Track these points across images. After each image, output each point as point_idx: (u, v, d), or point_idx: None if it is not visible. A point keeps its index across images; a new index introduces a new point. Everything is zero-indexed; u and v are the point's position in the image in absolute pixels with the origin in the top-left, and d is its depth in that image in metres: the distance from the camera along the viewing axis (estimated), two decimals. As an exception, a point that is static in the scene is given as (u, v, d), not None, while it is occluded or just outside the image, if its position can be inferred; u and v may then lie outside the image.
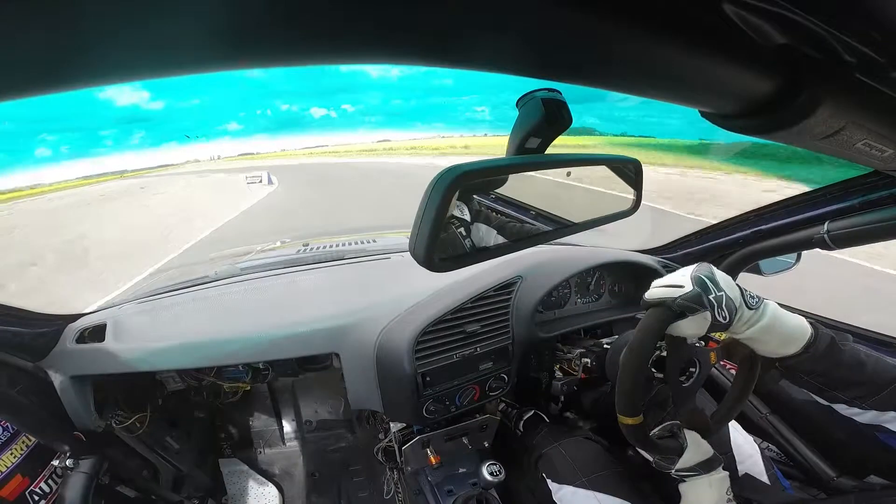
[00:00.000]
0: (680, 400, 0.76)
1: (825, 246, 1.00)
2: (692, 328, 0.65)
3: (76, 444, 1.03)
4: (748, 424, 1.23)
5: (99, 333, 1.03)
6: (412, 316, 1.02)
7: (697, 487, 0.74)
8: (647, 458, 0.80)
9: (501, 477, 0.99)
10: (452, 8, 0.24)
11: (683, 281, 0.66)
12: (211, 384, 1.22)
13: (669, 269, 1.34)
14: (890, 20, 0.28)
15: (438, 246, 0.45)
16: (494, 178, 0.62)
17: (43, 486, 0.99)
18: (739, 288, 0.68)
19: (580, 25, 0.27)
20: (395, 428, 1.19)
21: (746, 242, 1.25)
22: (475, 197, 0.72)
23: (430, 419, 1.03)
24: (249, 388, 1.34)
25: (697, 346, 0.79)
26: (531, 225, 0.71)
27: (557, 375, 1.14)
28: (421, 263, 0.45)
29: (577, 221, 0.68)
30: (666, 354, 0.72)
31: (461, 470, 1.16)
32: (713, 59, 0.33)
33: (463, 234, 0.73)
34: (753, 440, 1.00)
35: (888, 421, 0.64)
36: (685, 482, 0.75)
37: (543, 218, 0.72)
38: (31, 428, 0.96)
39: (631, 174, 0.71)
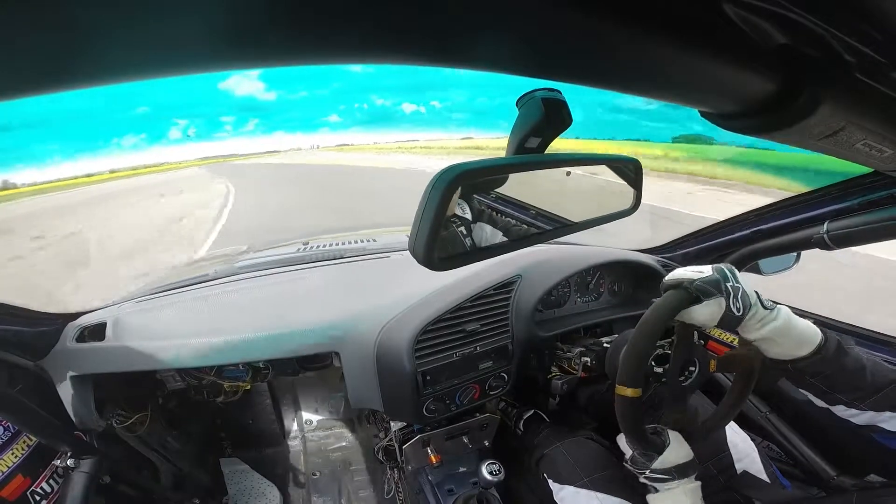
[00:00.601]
0: (674, 397, 0.76)
1: (825, 246, 1.00)
2: (705, 314, 0.66)
3: (77, 443, 1.03)
4: (748, 423, 1.23)
5: (99, 332, 1.03)
6: (412, 315, 1.02)
7: (667, 500, 0.73)
8: (625, 451, 0.78)
9: (501, 476, 0.99)
10: (452, 8, 0.24)
11: (704, 269, 0.69)
12: (211, 383, 1.22)
13: (669, 268, 1.34)
14: (890, 20, 0.28)
15: (438, 245, 0.45)
16: (494, 177, 0.62)
17: (44, 485, 0.99)
18: (756, 292, 0.70)
19: (580, 25, 0.27)
20: (395, 427, 1.19)
21: (746, 242, 1.25)
22: (476, 196, 0.72)
23: (430, 418, 1.03)
24: (250, 387, 1.33)
25: (699, 344, 0.80)
26: (531, 224, 0.71)
27: (557, 374, 1.14)
28: (421, 262, 0.45)
29: (576, 221, 0.68)
30: (673, 341, 0.73)
31: (461, 469, 1.16)
32: (713, 59, 0.33)
33: (464, 232, 0.73)
34: (751, 439, 1.00)
35: (884, 420, 0.65)
36: (655, 493, 0.74)
37: (543, 217, 0.72)
38: (31, 427, 0.95)
39: (631, 174, 0.71)
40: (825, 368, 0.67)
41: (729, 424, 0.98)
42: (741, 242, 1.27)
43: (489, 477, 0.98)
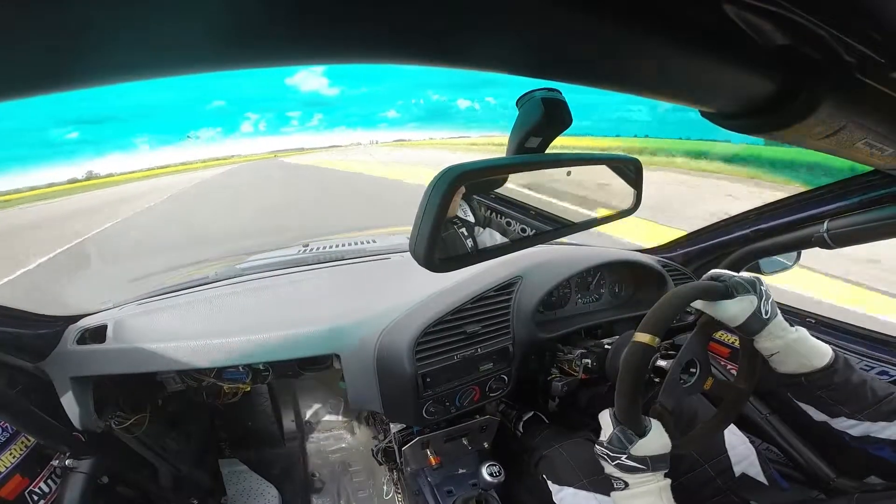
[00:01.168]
0: (671, 394, 0.76)
1: (825, 245, 1.00)
2: (734, 309, 0.71)
3: (75, 444, 1.03)
4: (748, 425, 1.23)
5: (100, 334, 1.03)
6: (412, 317, 1.02)
7: (639, 500, 0.71)
8: (605, 428, 0.76)
9: (501, 478, 0.99)
10: (452, 8, 0.24)
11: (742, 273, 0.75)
12: (211, 385, 1.22)
13: (669, 268, 1.34)
14: (890, 20, 0.28)
15: (439, 246, 0.44)
16: (494, 177, 0.62)
17: (42, 486, 0.99)
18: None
19: (580, 25, 0.27)
20: (394, 428, 1.19)
21: (746, 241, 1.25)
22: (476, 197, 0.72)
23: (429, 420, 1.03)
24: (249, 388, 1.33)
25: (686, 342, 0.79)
26: (531, 225, 0.71)
27: (557, 376, 1.14)
28: (421, 264, 0.45)
29: (577, 221, 0.68)
30: (674, 342, 0.76)
31: (461, 471, 1.16)
32: (713, 59, 0.33)
33: (465, 234, 0.73)
34: (751, 441, 1.00)
35: (878, 431, 0.68)
36: (623, 489, 0.72)
37: (543, 218, 0.72)
38: (30, 428, 0.95)
39: (631, 173, 0.71)
40: (835, 381, 0.69)
41: (729, 427, 0.98)
42: (741, 242, 1.27)
43: (489, 478, 0.98)
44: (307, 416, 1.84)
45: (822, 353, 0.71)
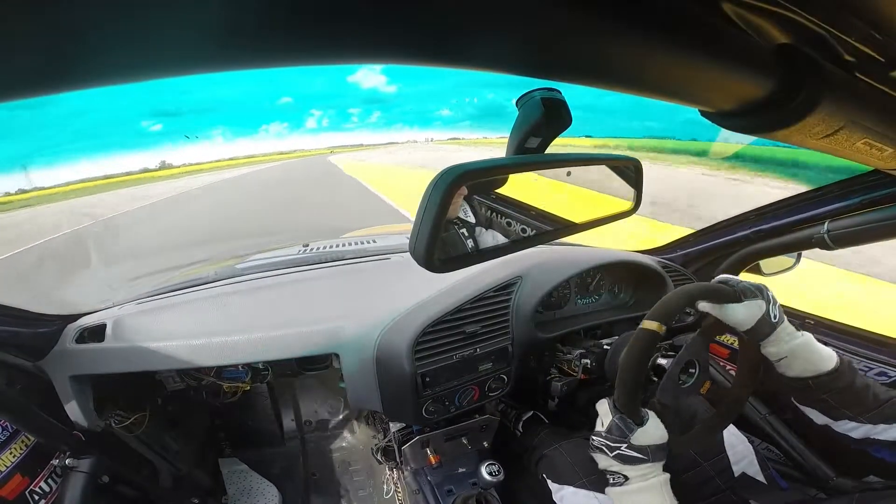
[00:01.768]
0: (669, 391, 0.76)
1: (825, 245, 1.00)
2: (743, 313, 0.72)
3: (76, 443, 1.03)
4: (748, 425, 1.23)
5: (99, 333, 1.03)
6: (412, 316, 1.02)
7: (641, 494, 0.70)
8: (604, 417, 0.76)
9: (500, 477, 0.99)
10: (452, 7, 0.24)
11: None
12: (210, 384, 1.22)
13: (669, 269, 1.34)
14: (890, 20, 0.28)
15: (439, 246, 0.44)
16: (494, 177, 0.62)
17: (43, 485, 0.99)
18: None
19: (580, 25, 0.27)
20: (394, 428, 1.19)
21: (747, 242, 1.25)
22: (475, 197, 0.72)
23: (429, 419, 1.03)
24: (249, 387, 1.33)
25: (687, 342, 0.80)
26: (531, 225, 0.71)
27: (556, 376, 1.14)
28: (421, 264, 0.45)
29: (577, 221, 0.68)
30: (673, 343, 0.78)
31: (461, 470, 1.16)
32: (713, 58, 0.33)
33: (465, 234, 0.73)
34: (751, 440, 1.00)
35: (878, 433, 0.69)
36: (622, 483, 0.71)
37: (543, 218, 0.72)
38: (30, 427, 0.95)
39: (631, 173, 0.70)
40: (841, 384, 0.71)
41: (728, 427, 0.98)
42: (742, 242, 1.27)
43: (488, 478, 0.98)
44: (307, 415, 1.84)
45: (827, 356, 0.72)
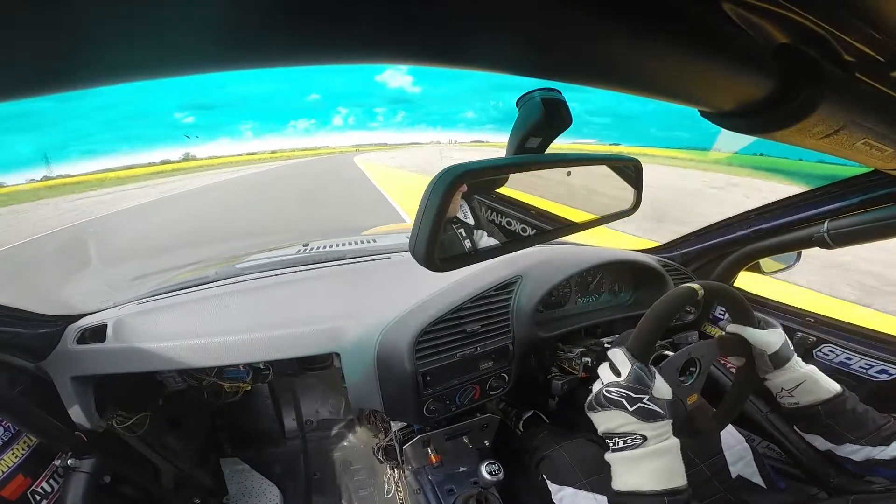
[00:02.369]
0: (668, 376, 0.75)
1: (825, 245, 1.00)
2: (771, 338, 0.79)
3: (77, 443, 1.03)
4: (748, 423, 1.23)
5: (100, 334, 1.03)
6: (412, 316, 1.02)
7: (657, 459, 0.64)
8: (623, 366, 0.71)
9: (500, 476, 0.99)
10: (452, 7, 0.24)
11: None
12: (211, 384, 1.22)
13: (669, 268, 1.34)
14: (890, 20, 0.28)
15: (439, 246, 0.44)
16: (495, 177, 0.62)
17: (45, 485, 0.99)
18: None
19: (580, 25, 0.27)
20: (395, 427, 1.19)
21: (747, 241, 1.25)
22: (476, 197, 0.72)
23: (430, 418, 1.03)
24: (250, 387, 1.34)
25: (696, 342, 0.80)
26: (532, 224, 0.71)
27: (557, 374, 1.14)
28: (421, 263, 0.45)
29: (577, 221, 0.68)
30: (673, 341, 0.83)
31: (462, 469, 1.16)
32: (713, 58, 0.33)
33: (463, 234, 0.73)
34: (752, 439, 1.00)
35: (878, 453, 0.72)
36: (637, 447, 0.64)
37: (543, 218, 0.72)
38: (32, 428, 0.95)
39: (631, 173, 0.71)
40: (846, 408, 0.75)
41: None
42: (742, 241, 1.27)
43: (488, 477, 0.98)
44: (308, 414, 1.84)
45: (831, 383, 0.77)
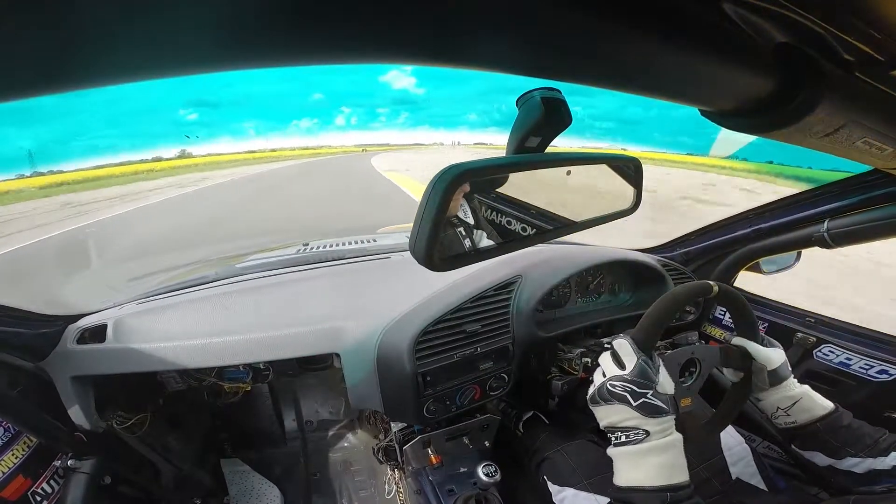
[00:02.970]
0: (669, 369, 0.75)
1: (825, 244, 1.00)
2: (774, 354, 0.80)
3: (77, 444, 1.03)
4: (749, 423, 1.23)
5: (100, 334, 1.03)
6: (412, 316, 1.02)
7: (661, 454, 0.63)
8: (629, 359, 0.70)
9: (497, 477, 0.99)
10: (452, 7, 0.24)
11: None
12: (212, 385, 1.22)
13: (669, 268, 1.34)
14: (890, 20, 0.28)
15: (439, 245, 0.44)
16: (495, 176, 0.62)
17: (45, 486, 0.99)
18: None
19: (580, 25, 0.27)
20: (395, 427, 1.19)
21: (746, 241, 1.25)
22: (476, 196, 0.72)
23: (430, 419, 1.03)
24: (250, 388, 1.34)
25: (699, 343, 0.80)
26: (531, 224, 0.71)
27: (557, 375, 1.14)
28: (421, 263, 0.45)
29: (577, 220, 0.68)
30: (673, 342, 0.82)
31: (462, 469, 1.16)
32: (713, 57, 0.33)
33: (462, 233, 0.73)
34: (753, 439, 1.00)
35: (878, 464, 0.72)
36: (639, 441, 0.63)
37: (543, 217, 0.72)
38: (32, 429, 0.95)
39: (631, 172, 0.71)
40: (843, 423, 0.76)
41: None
42: (742, 241, 1.27)
43: (485, 479, 0.98)
44: (308, 415, 1.84)
45: (824, 401, 0.78)
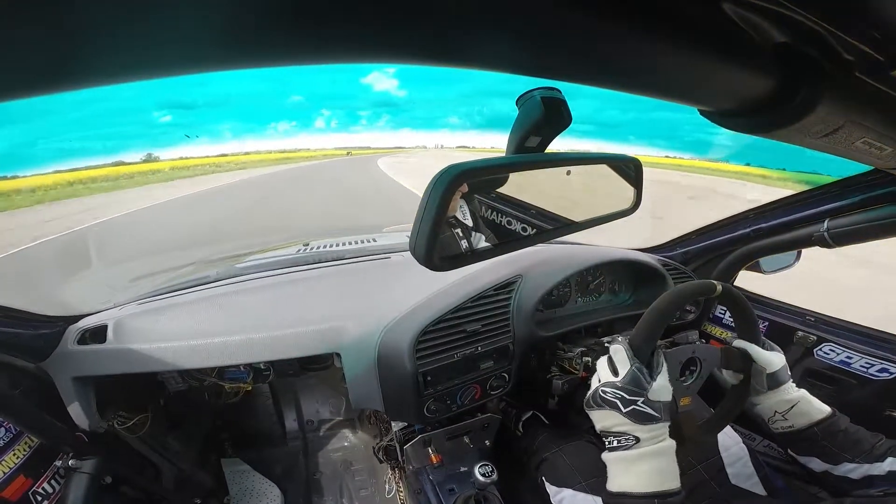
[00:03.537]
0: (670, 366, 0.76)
1: (825, 244, 1.00)
2: (774, 358, 0.80)
3: (78, 444, 1.03)
4: (749, 422, 1.23)
5: (100, 334, 1.03)
6: (413, 315, 1.02)
7: (649, 462, 0.64)
8: (622, 365, 0.70)
9: (494, 477, 0.99)
10: (452, 7, 0.24)
11: None
12: (212, 385, 1.22)
13: (669, 267, 1.34)
14: (890, 20, 0.28)
15: (439, 245, 0.45)
16: (495, 176, 0.62)
17: (46, 486, 0.99)
18: None
19: (580, 25, 0.27)
20: (396, 427, 1.19)
21: (746, 240, 1.25)
22: (476, 196, 0.72)
23: (431, 418, 1.03)
24: (251, 388, 1.34)
25: (700, 343, 0.80)
26: (531, 224, 0.71)
27: (557, 374, 1.14)
28: (421, 263, 0.45)
29: (577, 220, 0.68)
30: (674, 341, 0.80)
31: (462, 469, 1.16)
32: (712, 57, 0.33)
33: (461, 234, 0.73)
34: (753, 437, 1.00)
35: (874, 469, 0.72)
36: (629, 447, 0.65)
37: (543, 217, 0.72)
38: (33, 429, 0.96)
39: (631, 173, 0.71)
40: (840, 428, 0.75)
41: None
42: (742, 241, 1.27)
43: (482, 479, 0.98)
44: (309, 415, 1.84)
45: (822, 405, 0.78)
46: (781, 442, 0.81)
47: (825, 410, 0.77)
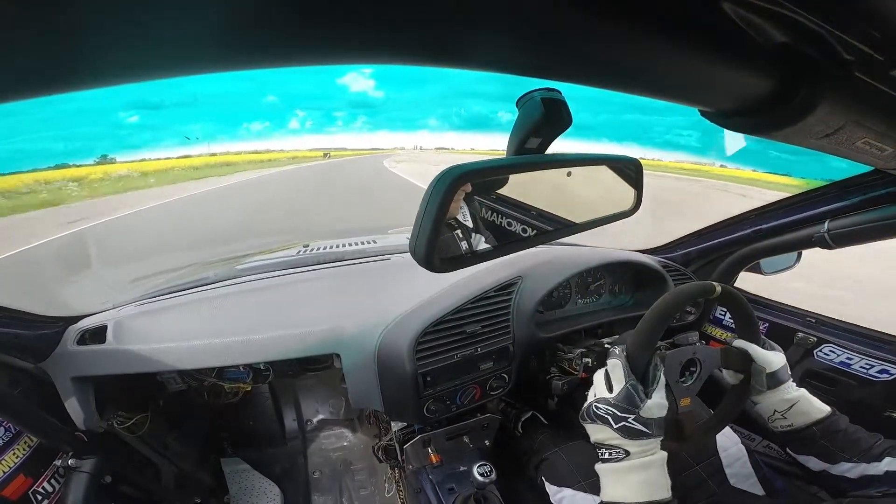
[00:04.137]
0: (669, 368, 0.76)
1: (825, 245, 1.00)
2: (775, 357, 0.80)
3: (78, 444, 1.03)
4: (749, 422, 1.23)
5: (100, 335, 1.03)
6: (413, 316, 1.02)
7: (638, 474, 0.65)
8: (618, 381, 0.70)
9: (493, 477, 0.99)
10: (453, 7, 0.24)
11: None
12: (212, 385, 1.22)
13: (669, 268, 1.34)
14: (890, 19, 0.28)
15: (439, 247, 0.45)
16: (495, 178, 0.62)
17: (46, 485, 0.99)
18: None
19: (580, 25, 0.27)
20: (396, 427, 1.19)
21: (747, 241, 1.25)
22: (476, 198, 0.72)
23: (430, 418, 1.03)
24: (250, 388, 1.34)
25: (700, 344, 0.80)
26: (532, 225, 0.71)
27: (557, 375, 1.14)
28: (421, 264, 0.45)
29: (577, 221, 0.68)
30: (674, 342, 0.81)
31: (462, 468, 1.16)
32: (712, 57, 0.33)
33: (461, 235, 0.73)
34: (749, 437, 1.00)
35: (871, 469, 0.72)
36: (619, 460, 0.66)
37: (544, 218, 0.72)
38: (32, 428, 0.96)
39: (631, 174, 0.70)
40: (839, 427, 0.76)
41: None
42: (742, 242, 1.27)
43: (480, 478, 0.98)
44: (308, 414, 1.85)
45: (821, 404, 0.78)
46: (780, 441, 0.81)
47: (825, 410, 0.77)
